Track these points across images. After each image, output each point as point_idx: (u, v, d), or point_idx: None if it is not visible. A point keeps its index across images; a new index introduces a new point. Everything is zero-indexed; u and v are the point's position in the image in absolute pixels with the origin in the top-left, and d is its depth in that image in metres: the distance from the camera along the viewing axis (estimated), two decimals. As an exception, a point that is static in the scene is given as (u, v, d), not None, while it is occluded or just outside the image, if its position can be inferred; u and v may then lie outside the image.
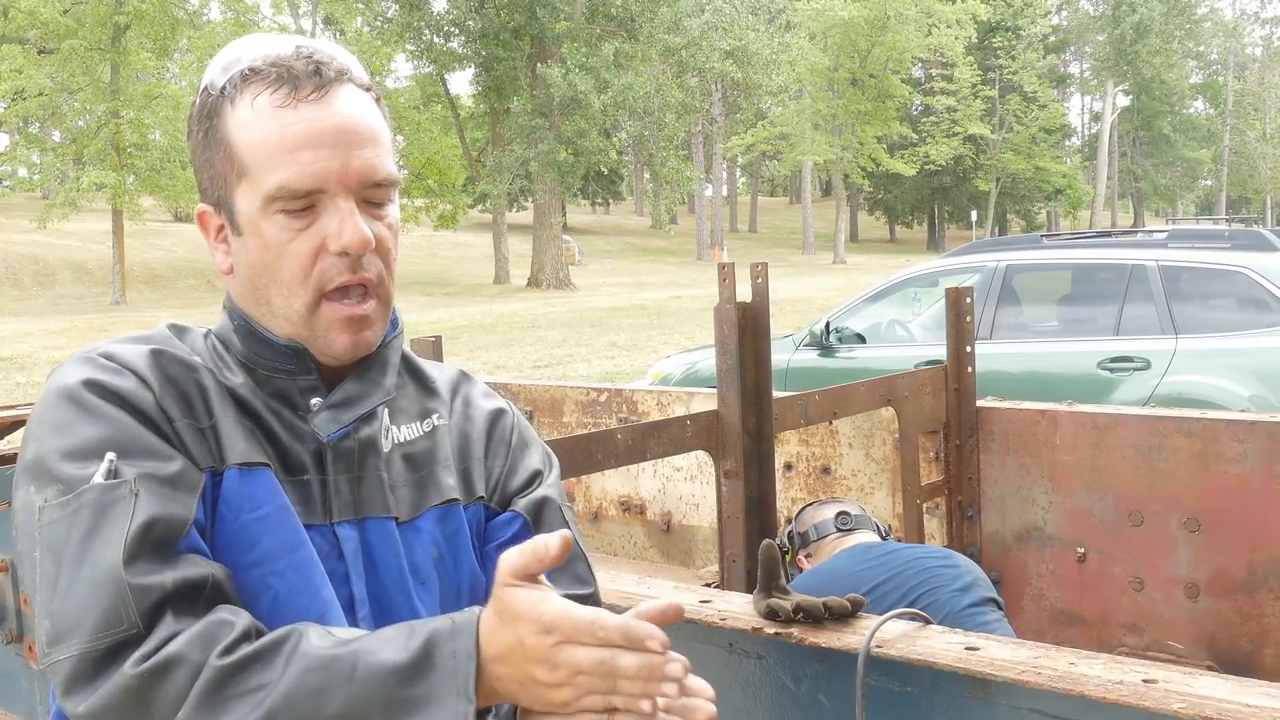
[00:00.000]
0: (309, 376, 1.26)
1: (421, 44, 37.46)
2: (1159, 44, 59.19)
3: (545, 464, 1.45)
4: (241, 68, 1.22)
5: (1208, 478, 3.31)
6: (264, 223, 1.21)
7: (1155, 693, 1.32)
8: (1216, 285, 6.32)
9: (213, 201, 1.26)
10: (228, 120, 1.22)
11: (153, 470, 1.12)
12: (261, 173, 1.19)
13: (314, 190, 1.19)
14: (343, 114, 1.21)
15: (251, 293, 1.26)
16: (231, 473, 1.18)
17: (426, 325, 21.59)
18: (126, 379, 1.17)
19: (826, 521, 2.93)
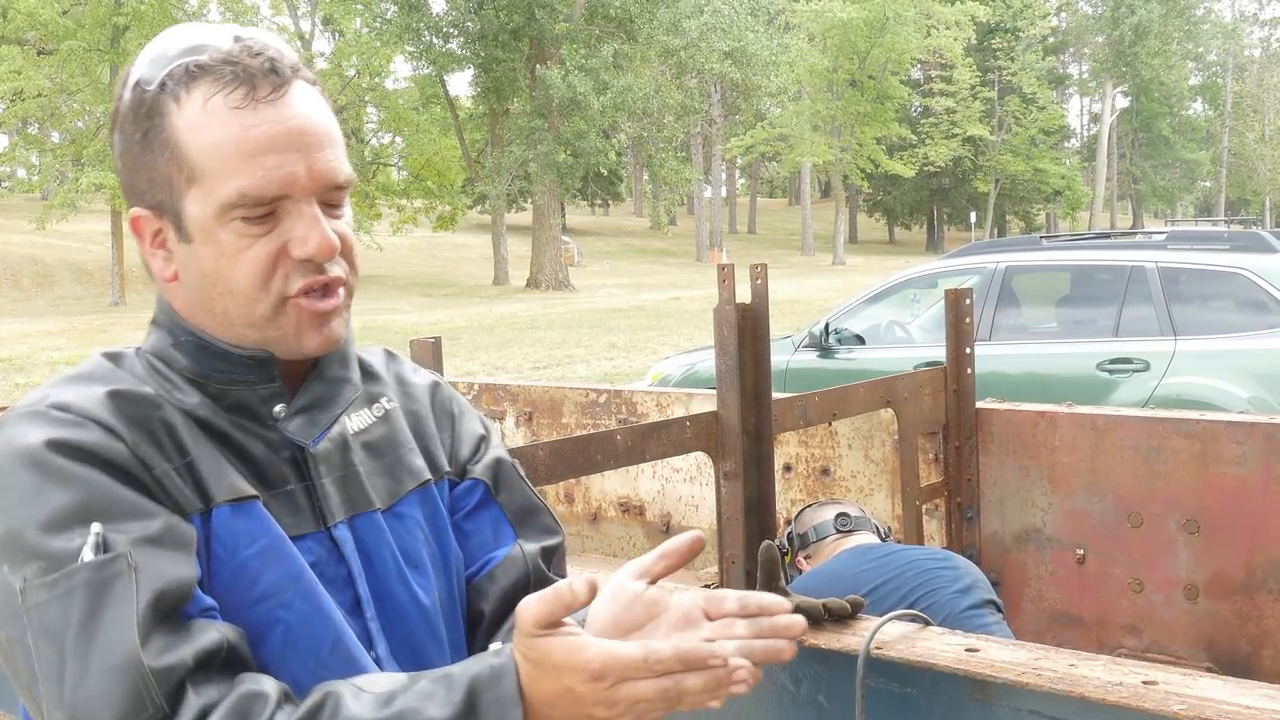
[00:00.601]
0: (271, 384, 1.20)
1: (420, 45, 37.46)
2: (1158, 45, 59.21)
3: (484, 426, 1.44)
4: (185, 62, 1.14)
5: (1207, 479, 3.31)
6: (220, 230, 1.14)
7: (1155, 694, 1.32)
8: (1215, 287, 6.33)
9: (152, 206, 1.18)
10: (173, 120, 1.14)
11: (143, 534, 1.04)
12: (219, 179, 1.12)
13: (279, 197, 1.13)
14: (302, 115, 1.15)
15: (203, 301, 1.19)
16: (221, 510, 1.12)
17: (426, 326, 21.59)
18: (91, 431, 1.08)
19: (826, 523, 2.93)
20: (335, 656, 1.16)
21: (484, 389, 4.78)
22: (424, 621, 1.27)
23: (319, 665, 1.14)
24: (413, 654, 1.25)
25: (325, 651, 1.16)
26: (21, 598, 1.01)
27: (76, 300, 33.48)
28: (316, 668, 1.14)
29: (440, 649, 1.29)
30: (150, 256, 1.21)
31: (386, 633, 1.23)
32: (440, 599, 1.30)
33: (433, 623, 1.28)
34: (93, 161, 32.25)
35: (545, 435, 4.44)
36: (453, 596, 1.33)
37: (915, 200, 64.93)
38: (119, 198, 31.41)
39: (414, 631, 1.26)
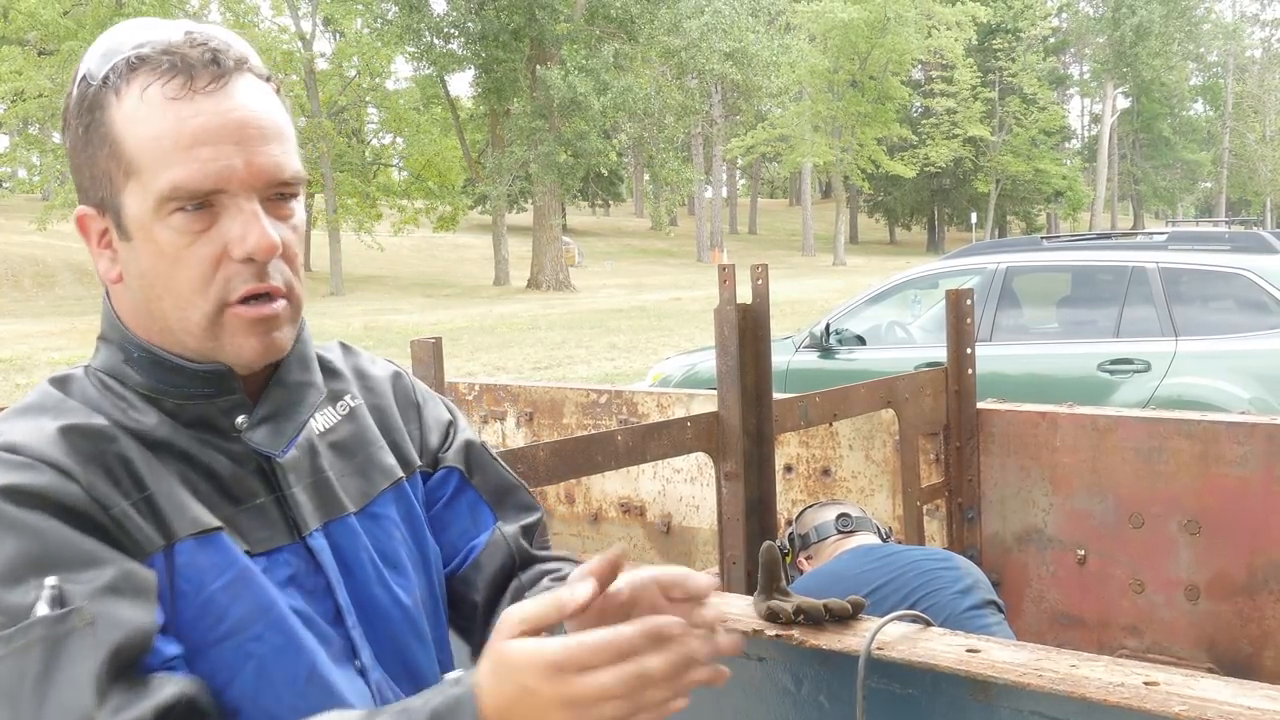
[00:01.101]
0: (232, 396, 1.15)
1: (421, 46, 37.48)
2: (1159, 46, 59.18)
3: (450, 411, 1.42)
4: (126, 54, 1.09)
5: (1208, 480, 3.31)
6: (157, 226, 1.09)
7: (1157, 695, 1.32)
8: (1216, 287, 6.32)
9: (95, 203, 1.13)
10: (112, 113, 1.09)
11: (100, 583, 0.99)
12: (154, 171, 1.07)
13: (214, 190, 1.08)
14: (244, 107, 1.09)
15: (144, 305, 1.14)
16: (185, 545, 1.08)
17: (426, 327, 21.59)
18: (42, 474, 1.02)
19: (827, 523, 2.93)
20: (312, 686, 1.13)
21: (485, 389, 4.78)
22: (407, 623, 1.25)
23: (296, 696, 1.11)
24: (398, 657, 1.24)
25: (301, 682, 1.12)
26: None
27: (77, 300, 33.48)
28: (293, 700, 1.11)
29: (425, 649, 1.28)
30: (97, 257, 1.17)
31: (370, 638, 1.21)
32: (421, 597, 1.28)
33: (416, 623, 1.27)
34: (93, 162, 32.23)
35: (546, 436, 4.44)
36: (434, 594, 1.31)
37: (916, 201, 64.92)
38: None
39: (398, 634, 1.24)
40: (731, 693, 1.72)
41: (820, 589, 2.42)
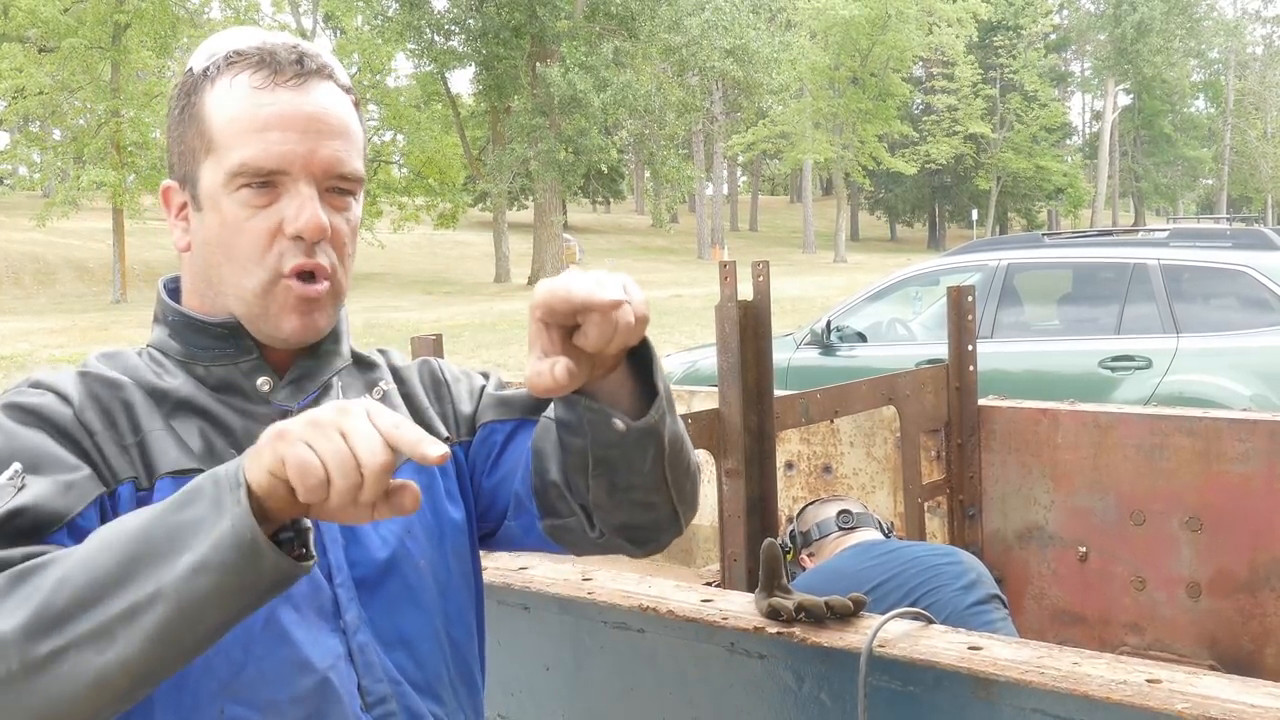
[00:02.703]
0: (250, 357, 1.25)
1: (422, 42, 37.46)
2: (1160, 43, 59.14)
3: (483, 377, 1.48)
4: (226, 51, 1.23)
5: (1210, 477, 3.31)
6: (225, 199, 1.20)
7: (1159, 693, 1.31)
8: (1218, 284, 6.32)
9: (179, 177, 1.27)
10: (205, 97, 1.22)
11: (52, 475, 1.11)
12: (229, 149, 1.19)
13: (277, 171, 1.19)
14: (317, 104, 1.22)
15: (205, 271, 1.25)
16: (164, 482, 1.16)
17: (427, 324, 21.59)
18: (45, 397, 1.17)
19: (828, 520, 2.92)
20: (267, 631, 1.18)
21: (485, 386, 4.78)
22: (405, 590, 1.28)
23: (248, 637, 1.16)
24: (391, 623, 1.27)
25: (257, 626, 1.16)
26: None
27: (78, 298, 33.48)
28: (246, 639, 1.16)
29: (424, 618, 1.30)
30: (173, 228, 1.29)
31: (364, 601, 1.24)
32: (431, 565, 1.31)
33: (415, 591, 1.29)
34: (94, 159, 32.22)
35: (547, 433, 4.43)
36: (447, 566, 1.33)
37: (917, 198, 64.91)
38: (120, 195, 31.49)
39: (394, 600, 1.27)
40: (733, 690, 1.72)
41: (821, 587, 2.42)
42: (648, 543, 1.34)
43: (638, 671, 1.83)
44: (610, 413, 1.18)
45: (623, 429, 1.18)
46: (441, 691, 1.31)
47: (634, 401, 1.20)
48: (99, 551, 0.97)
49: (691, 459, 1.31)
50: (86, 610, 0.94)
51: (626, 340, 1.10)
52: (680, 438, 1.26)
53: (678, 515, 1.32)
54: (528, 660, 1.96)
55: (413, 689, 1.27)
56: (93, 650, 0.94)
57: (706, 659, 1.74)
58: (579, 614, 1.87)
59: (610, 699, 1.88)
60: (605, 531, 1.31)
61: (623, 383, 1.19)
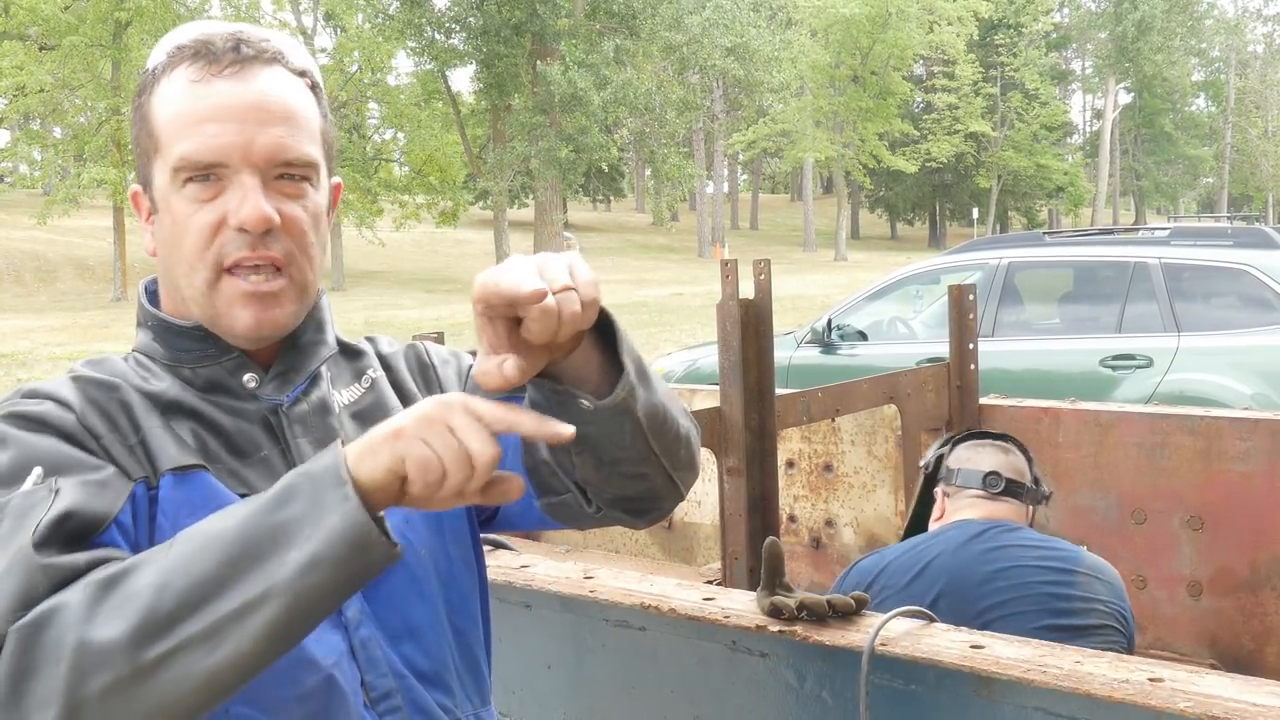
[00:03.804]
0: (231, 355, 1.23)
1: (423, 41, 37.42)
2: (1161, 41, 59.09)
3: (467, 357, 1.47)
4: (170, 47, 1.22)
5: (1210, 476, 3.31)
6: (173, 197, 1.19)
7: (1161, 692, 1.31)
8: (1219, 283, 6.31)
9: (141, 181, 1.25)
10: (151, 96, 1.21)
11: (76, 475, 1.10)
12: (171, 145, 1.18)
13: (215, 164, 1.16)
14: (258, 91, 1.18)
15: (167, 274, 1.24)
16: (166, 479, 1.16)
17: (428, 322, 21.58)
18: (44, 405, 1.16)
19: (975, 473, 2.56)
20: None
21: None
22: (409, 581, 1.28)
23: None
24: (397, 615, 1.26)
25: None
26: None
27: (79, 296, 33.48)
28: None
29: (430, 608, 1.29)
30: (144, 233, 1.27)
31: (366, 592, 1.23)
32: (432, 554, 1.31)
33: (419, 581, 1.29)
34: (94, 157, 32.21)
35: (548, 431, 4.43)
36: (448, 553, 1.33)
37: (917, 196, 64.84)
38: (120, 193, 31.47)
39: (396, 592, 1.26)
40: (734, 689, 1.72)
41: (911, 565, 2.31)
42: (648, 512, 1.30)
43: (639, 670, 1.83)
44: (575, 393, 1.13)
45: (590, 408, 1.13)
46: (449, 681, 1.30)
47: (603, 375, 1.15)
48: (196, 555, 0.98)
49: (679, 425, 1.25)
50: (194, 612, 0.96)
51: (576, 326, 1.03)
52: (659, 407, 1.20)
53: (675, 482, 1.27)
54: (529, 658, 1.96)
55: (419, 681, 1.26)
56: (204, 651, 0.96)
57: (708, 657, 1.74)
58: (580, 612, 1.87)
59: (612, 697, 1.88)
60: (601, 506, 1.28)
61: (588, 358, 1.13)
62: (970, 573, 2.30)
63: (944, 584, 2.29)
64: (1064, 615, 2.26)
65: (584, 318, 1.03)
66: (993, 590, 2.28)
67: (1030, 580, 2.29)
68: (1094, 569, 2.37)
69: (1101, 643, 2.21)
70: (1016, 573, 2.30)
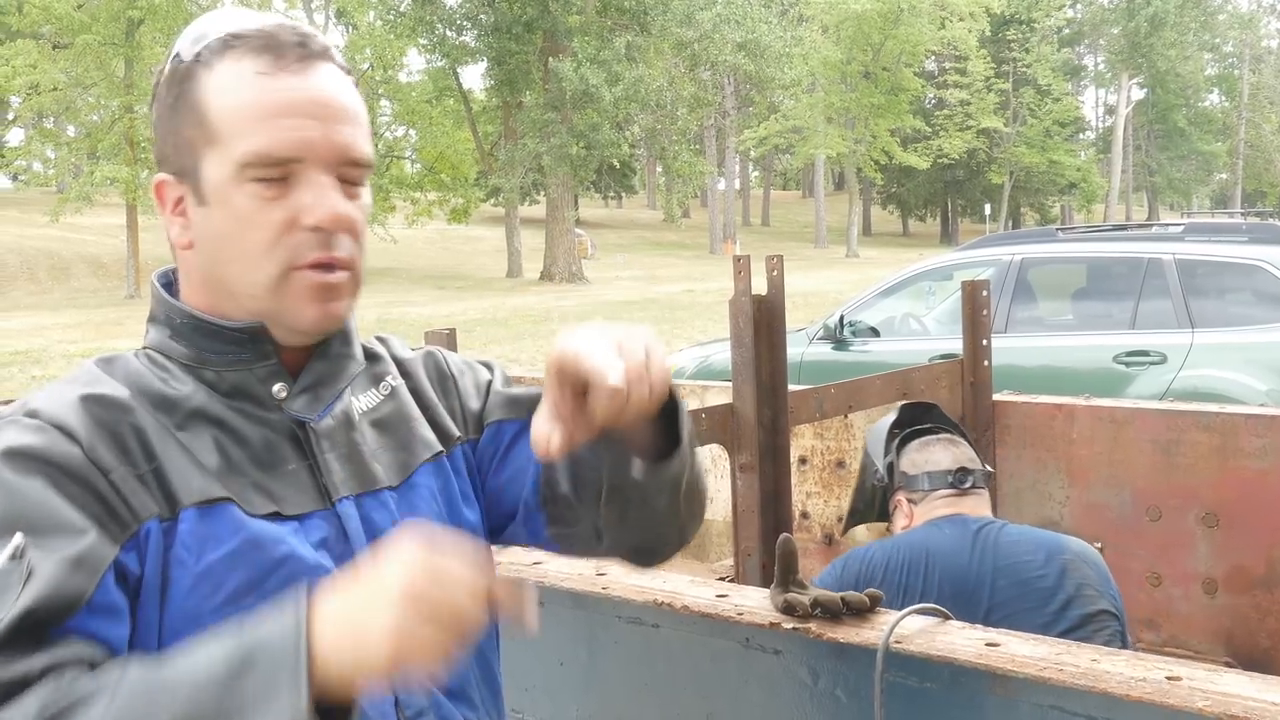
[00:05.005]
0: (267, 362, 1.19)
1: (434, 38, 37.44)
2: (1174, 37, 58.89)
3: (489, 370, 1.45)
4: (222, 35, 1.16)
5: (1226, 473, 3.29)
6: (235, 191, 1.14)
7: (1179, 690, 1.30)
8: (1233, 279, 6.28)
9: (174, 170, 1.19)
10: (202, 85, 1.15)
11: (59, 548, 1.02)
12: (236, 138, 1.13)
13: (291, 159, 1.13)
14: (325, 88, 1.16)
15: (211, 267, 1.18)
16: (188, 514, 1.10)
17: (439, 319, 21.61)
18: (48, 435, 1.07)
19: (940, 474, 2.53)
20: None
21: (498, 381, 4.77)
22: None
23: None
24: None
25: None
26: None
27: (92, 293, 33.60)
28: None
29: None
30: (170, 224, 1.21)
31: None
32: None
33: None
34: (107, 155, 32.34)
35: (559, 428, 4.42)
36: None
37: (929, 192, 64.74)
38: (133, 191, 31.57)
39: None
40: (748, 686, 1.71)
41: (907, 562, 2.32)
42: (654, 557, 1.34)
43: (652, 667, 1.82)
44: (629, 455, 1.14)
45: (640, 475, 1.14)
46: (472, 695, 1.29)
47: (654, 439, 1.16)
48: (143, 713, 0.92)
49: (704, 487, 1.28)
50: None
51: (642, 412, 1.04)
52: (698, 477, 1.23)
53: (685, 535, 1.31)
54: (542, 655, 1.95)
55: (447, 697, 1.25)
56: None
57: (721, 654, 1.73)
58: (593, 609, 1.87)
59: (624, 694, 1.87)
60: (612, 546, 1.30)
61: (643, 422, 1.14)
62: (974, 574, 2.31)
63: (948, 584, 2.29)
64: (1067, 606, 2.27)
65: (653, 403, 1.05)
66: (997, 589, 2.29)
67: (1029, 577, 2.30)
68: (1081, 555, 2.37)
69: (1102, 630, 2.25)
70: (1016, 569, 2.31)
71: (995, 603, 2.27)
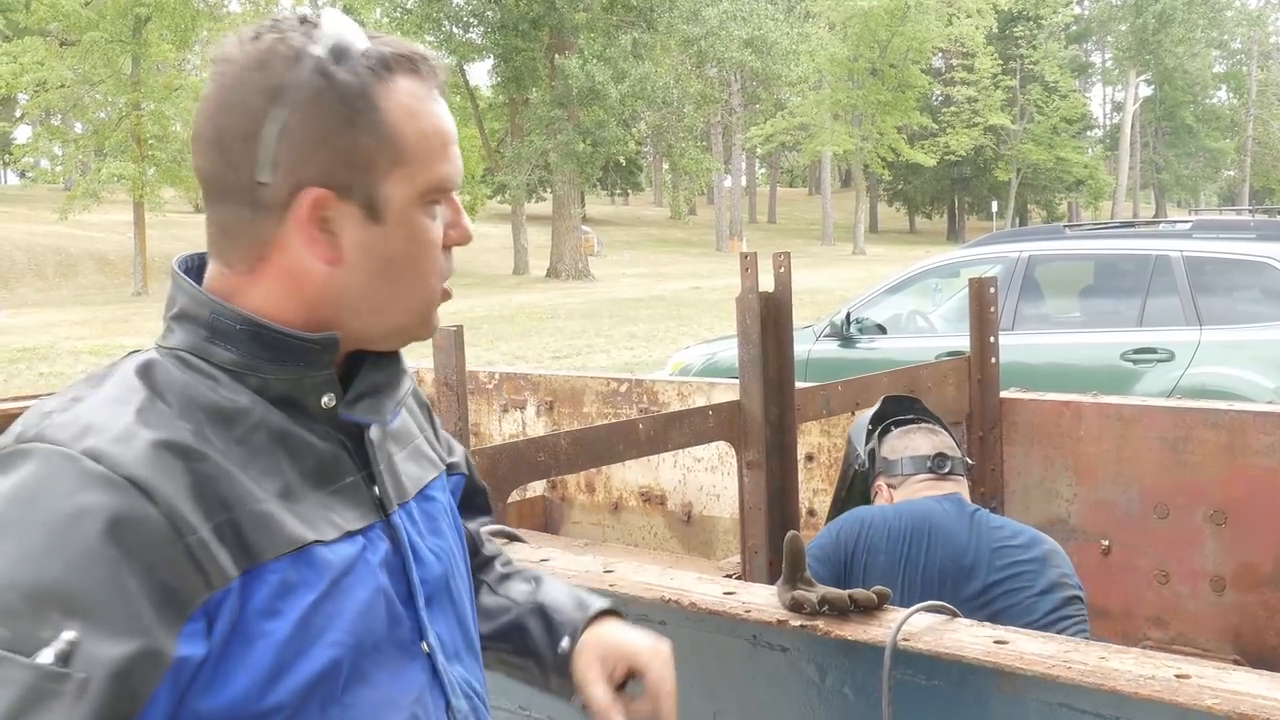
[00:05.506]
0: (324, 372, 1.14)
1: (441, 35, 37.47)
2: (1182, 33, 58.74)
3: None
4: (383, 52, 1.13)
5: (1234, 470, 3.28)
6: (417, 214, 1.16)
7: (1188, 688, 1.30)
8: (1241, 276, 6.27)
9: (338, 184, 1.11)
10: (384, 103, 1.11)
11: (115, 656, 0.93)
12: (425, 164, 1.15)
13: (454, 187, 1.21)
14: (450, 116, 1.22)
15: (363, 286, 1.14)
16: (279, 564, 1.05)
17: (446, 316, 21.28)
18: (123, 495, 0.97)
19: (920, 459, 2.63)
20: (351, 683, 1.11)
21: (505, 378, 4.78)
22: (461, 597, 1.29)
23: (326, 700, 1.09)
24: (464, 633, 1.28)
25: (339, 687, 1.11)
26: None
27: (100, 290, 33.67)
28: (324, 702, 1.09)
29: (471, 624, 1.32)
30: (311, 240, 1.12)
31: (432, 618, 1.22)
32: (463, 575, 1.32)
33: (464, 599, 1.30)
34: (115, 152, 32.40)
35: (566, 424, 4.43)
36: (466, 575, 1.34)
37: (936, 189, 64.66)
38: (140, 188, 31.63)
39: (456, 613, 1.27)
40: (755, 684, 1.71)
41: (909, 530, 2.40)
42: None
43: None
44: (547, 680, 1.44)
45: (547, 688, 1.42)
46: (486, 697, 1.32)
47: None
48: None
49: None
50: None
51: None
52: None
53: None
54: (549, 652, 1.95)
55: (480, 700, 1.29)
56: None
57: (728, 652, 1.73)
58: (600, 606, 1.86)
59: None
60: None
61: None
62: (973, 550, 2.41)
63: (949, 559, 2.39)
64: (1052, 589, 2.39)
65: None
66: (994, 568, 2.39)
67: (1020, 559, 2.42)
68: (1055, 549, 2.51)
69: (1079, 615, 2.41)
70: (1008, 551, 2.43)
71: (992, 580, 2.38)
